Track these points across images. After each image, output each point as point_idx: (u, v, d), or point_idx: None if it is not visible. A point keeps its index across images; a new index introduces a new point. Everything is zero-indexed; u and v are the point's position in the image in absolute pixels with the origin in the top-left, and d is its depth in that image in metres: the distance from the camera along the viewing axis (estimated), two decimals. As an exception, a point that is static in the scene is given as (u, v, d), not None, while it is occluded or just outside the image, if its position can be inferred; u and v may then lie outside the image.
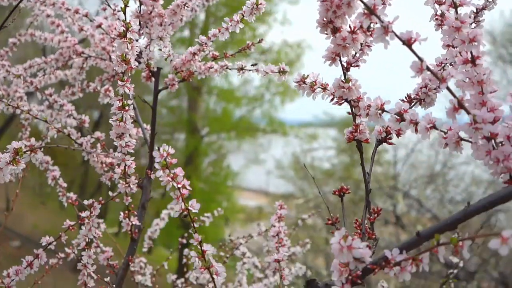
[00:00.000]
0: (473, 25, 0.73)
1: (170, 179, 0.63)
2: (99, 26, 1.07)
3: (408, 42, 0.52)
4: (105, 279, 0.93)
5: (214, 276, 0.66)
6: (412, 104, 0.70)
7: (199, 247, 0.66)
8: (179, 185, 0.63)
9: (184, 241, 1.47)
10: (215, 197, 10.53)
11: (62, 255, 1.13)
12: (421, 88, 0.70)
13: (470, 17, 0.73)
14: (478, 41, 0.54)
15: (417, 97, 0.70)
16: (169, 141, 11.67)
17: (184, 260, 1.41)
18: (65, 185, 1.11)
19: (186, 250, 0.66)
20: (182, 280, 1.32)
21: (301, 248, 1.50)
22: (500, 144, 0.53)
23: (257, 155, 12.25)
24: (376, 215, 0.66)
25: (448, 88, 0.53)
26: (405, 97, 0.71)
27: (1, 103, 1.01)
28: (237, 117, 11.90)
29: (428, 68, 0.52)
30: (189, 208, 0.64)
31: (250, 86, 12.24)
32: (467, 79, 0.55)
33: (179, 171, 0.64)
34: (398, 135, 0.69)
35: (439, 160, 7.62)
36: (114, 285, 0.94)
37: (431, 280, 6.13)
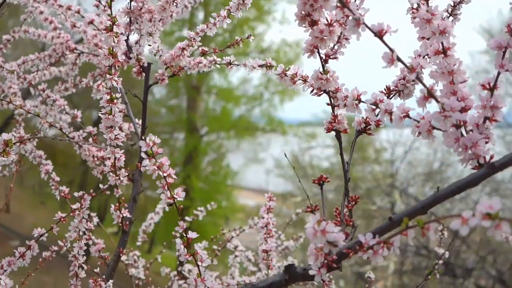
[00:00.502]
0: (450, 18, 0.75)
1: (156, 168, 0.65)
2: (91, 22, 1.09)
3: (379, 34, 0.54)
4: (95, 270, 0.95)
5: (199, 263, 0.68)
6: (391, 95, 0.72)
7: (184, 235, 0.68)
8: (165, 174, 0.65)
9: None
10: (215, 196, 10.54)
11: (55, 247, 1.15)
12: (399, 80, 0.72)
13: (447, 10, 0.76)
14: (448, 32, 0.56)
15: (396, 88, 0.72)
16: (168, 140, 11.70)
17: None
18: (57, 179, 1.12)
19: (177, 240, 0.67)
20: (175, 273, 1.35)
21: (294, 242, 1.52)
22: (470, 132, 0.55)
23: (256, 154, 12.28)
24: (354, 202, 0.68)
25: (418, 78, 0.55)
26: (384, 89, 0.73)
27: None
28: (236, 116, 11.92)
29: (398, 59, 0.54)
30: (175, 196, 0.66)
31: (249, 85, 12.26)
32: (439, 69, 0.57)
33: (165, 160, 0.66)
34: (377, 125, 0.71)
35: (437, 158, 7.64)
36: (104, 276, 0.96)
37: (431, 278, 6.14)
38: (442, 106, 0.53)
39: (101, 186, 0.98)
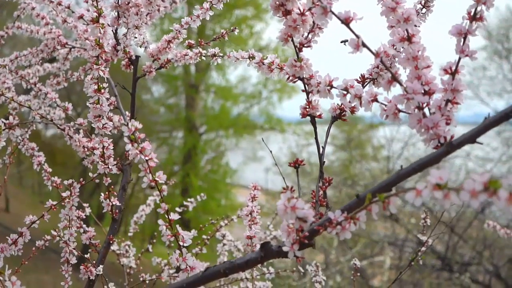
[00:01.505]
0: (424, 10, 0.78)
1: (138, 152, 0.68)
2: (81, 17, 1.12)
3: (346, 21, 0.57)
4: (86, 255, 0.98)
5: (181, 243, 0.71)
6: (366, 83, 0.75)
7: (166, 216, 0.71)
8: (147, 158, 0.68)
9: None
10: (214, 195, 10.58)
11: (48, 237, 1.18)
12: (373, 68, 0.75)
13: (420, 2, 0.79)
14: (412, 20, 0.59)
15: (370, 76, 0.75)
16: (167, 139, 11.75)
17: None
18: (50, 170, 1.15)
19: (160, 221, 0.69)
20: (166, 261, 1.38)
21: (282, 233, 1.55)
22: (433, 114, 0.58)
23: (255, 153, 12.31)
24: (328, 184, 0.71)
25: (383, 63, 0.58)
26: (359, 77, 0.76)
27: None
28: (235, 114, 11.95)
29: (363, 44, 0.57)
30: (156, 179, 0.70)
31: (248, 83, 12.30)
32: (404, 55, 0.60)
33: (147, 145, 0.69)
34: (352, 112, 0.74)
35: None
36: (94, 262, 0.99)
37: (425, 274, 6.19)
38: (405, 89, 0.56)
39: (90, 174, 1.01)
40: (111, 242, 1.05)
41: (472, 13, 0.58)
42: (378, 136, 9.75)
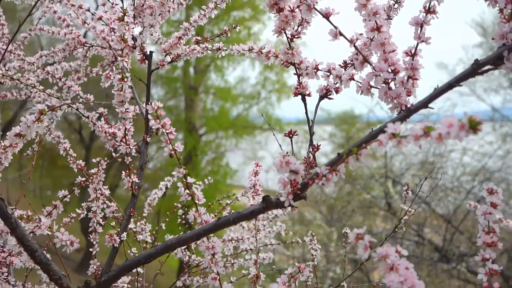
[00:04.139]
0: (396, 5, 0.94)
1: (161, 127, 0.83)
2: (100, 18, 1.27)
3: (326, 16, 0.72)
4: (112, 224, 1.13)
5: (196, 201, 0.86)
6: (347, 67, 0.90)
7: (184, 180, 0.86)
8: (168, 131, 0.83)
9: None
10: (215, 195, 10.72)
11: (74, 214, 1.32)
12: (354, 55, 0.90)
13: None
14: (380, 13, 0.74)
15: (351, 62, 0.90)
16: (167, 140, 11.86)
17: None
18: (74, 154, 1.30)
19: (179, 184, 0.82)
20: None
21: (282, 211, 1.70)
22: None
23: (255, 153, 12.44)
24: (316, 149, 0.86)
25: (356, 48, 0.73)
26: (342, 62, 0.91)
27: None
28: (234, 115, 12.09)
29: (340, 33, 0.72)
30: (176, 148, 0.85)
31: (246, 84, 12.44)
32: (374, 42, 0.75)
33: (167, 120, 0.84)
34: (336, 92, 0.89)
35: (432, 151, 7.84)
36: (119, 230, 1.14)
37: (423, 264, 6.33)
38: (374, 68, 0.72)
39: (114, 154, 1.16)
40: (131, 214, 1.20)
41: (427, 7, 0.73)
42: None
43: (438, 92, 0.67)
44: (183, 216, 1.57)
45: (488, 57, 0.65)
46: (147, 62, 1.23)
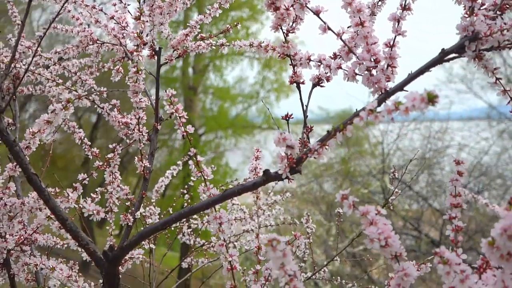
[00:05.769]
0: (380, 2, 1.06)
1: (174, 111, 0.95)
2: (112, 17, 1.39)
3: (317, 13, 0.84)
4: (126, 203, 1.25)
5: (205, 177, 0.98)
6: (337, 58, 1.02)
7: (195, 159, 0.98)
8: (180, 115, 0.95)
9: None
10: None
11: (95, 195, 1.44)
12: (343, 47, 1.02)
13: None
14: (363, 11, 0.86)
15: (339, 54, 1.02)
16: (167, 141, 12.00)
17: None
18: (89, 143, 1.42)
19: (190, 162, 0.92)
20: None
21: (280, 196, 1.82)
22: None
23: (254, 152, 12.54)
24: (310, 130, 0.98)
25: (342, 40, 0.85)
26: (332, 54, 1.02)
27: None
28: (233, 115, 12.20)
29: (329, 28, 0.84)
30: (187, 130, 0.97)
31: (245, 84, 12.56)
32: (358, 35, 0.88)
33: (180, 106, 0.96)
34: (327, 80, 1.01)
35: (429, 148, 7.98)
36: (133, 208, 1.26)
37: (420, 260, 6.46)
38: (357, 58, 0.84)
39: (127, 141, 1.28)
40: (143, 196, 1.32)
41: (403, 5, 0.85)
42: (374, 133, 10.05)
43: (411, 77, 0.79)
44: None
45: (452, 47, 0.77)
46: (156, 57, 1.35)
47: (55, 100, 1.60)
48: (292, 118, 1.00)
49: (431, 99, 0.59)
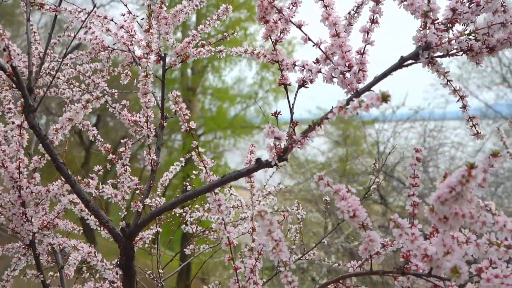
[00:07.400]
0: (355, 14, 1.22)
1: (178, 109, 1.11)
2: (122, 27, 1.56)
3: (299, 26, 1.01)
4: (137, 192, 1.42)
5: (206, 165, 1.14)
6: (318, 63, 1.19)
7: (197, 150, 1.14)
8: (184, 113, 1.12)
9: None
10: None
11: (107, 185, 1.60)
12: (321, 54, 1.18)
13: (353, 9, 1.22)
14: (338, 24, 1.03)
15: (320, 60, 1.18)
16: (166, 141, 12.15)
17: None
18: (102, 139, 1.58)
19: (193, 153, 1.08)
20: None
21: (274, 188, 1.99)
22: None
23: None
24: (295, 124, 1.15)
25: (320, 49, 1.01)
26: (315, 59, 1.19)
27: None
28: (232, 115, 12.35)
29: (309, 39, 1.00)
30: (190, 126, 1.13)
31: (244, 84, 12.72)
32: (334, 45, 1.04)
33: (183, 105, 1.12)
34: (311, 82, 1.17)
35: (424, 146, 8.15)
36: (143, 195, 1.42)
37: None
38: (333, 63, 1.00)
39: (136, 136, 1.44)
40: (151, 186, 1.48)
41: (372, 19, 1.02)
42: (371, 132, 10.21)
43: (376, 80, 0.96)
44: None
45: (409, 54, 0.94)
46: (162, 62, 1.52)
47: (69, 101, 1.76)
48: (281, 114, 1.17)
49: (385, 98, 0.76)
